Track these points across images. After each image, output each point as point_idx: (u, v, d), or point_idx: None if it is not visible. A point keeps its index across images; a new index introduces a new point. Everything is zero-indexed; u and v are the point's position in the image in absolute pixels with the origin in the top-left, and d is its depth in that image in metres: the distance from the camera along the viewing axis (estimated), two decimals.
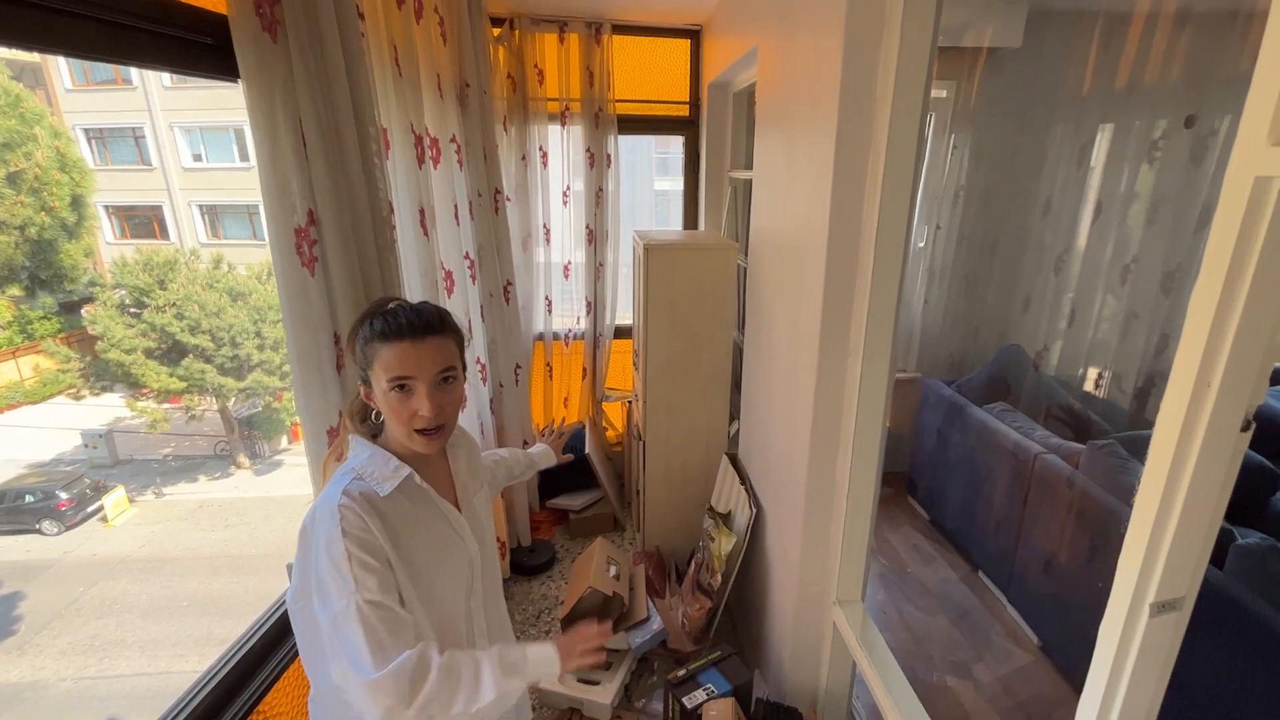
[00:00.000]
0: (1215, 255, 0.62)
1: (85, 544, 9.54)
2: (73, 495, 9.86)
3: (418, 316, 0.95)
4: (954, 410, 3.04)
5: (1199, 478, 0.68)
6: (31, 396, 12.42)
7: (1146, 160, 2.75)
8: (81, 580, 8.68)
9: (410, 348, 0.92)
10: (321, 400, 1.21)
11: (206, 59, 1.04)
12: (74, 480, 10.22)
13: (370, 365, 0.94)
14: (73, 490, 9.95)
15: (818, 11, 1.49)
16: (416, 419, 0.94)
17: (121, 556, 9.26)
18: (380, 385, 0.93)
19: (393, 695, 0.81)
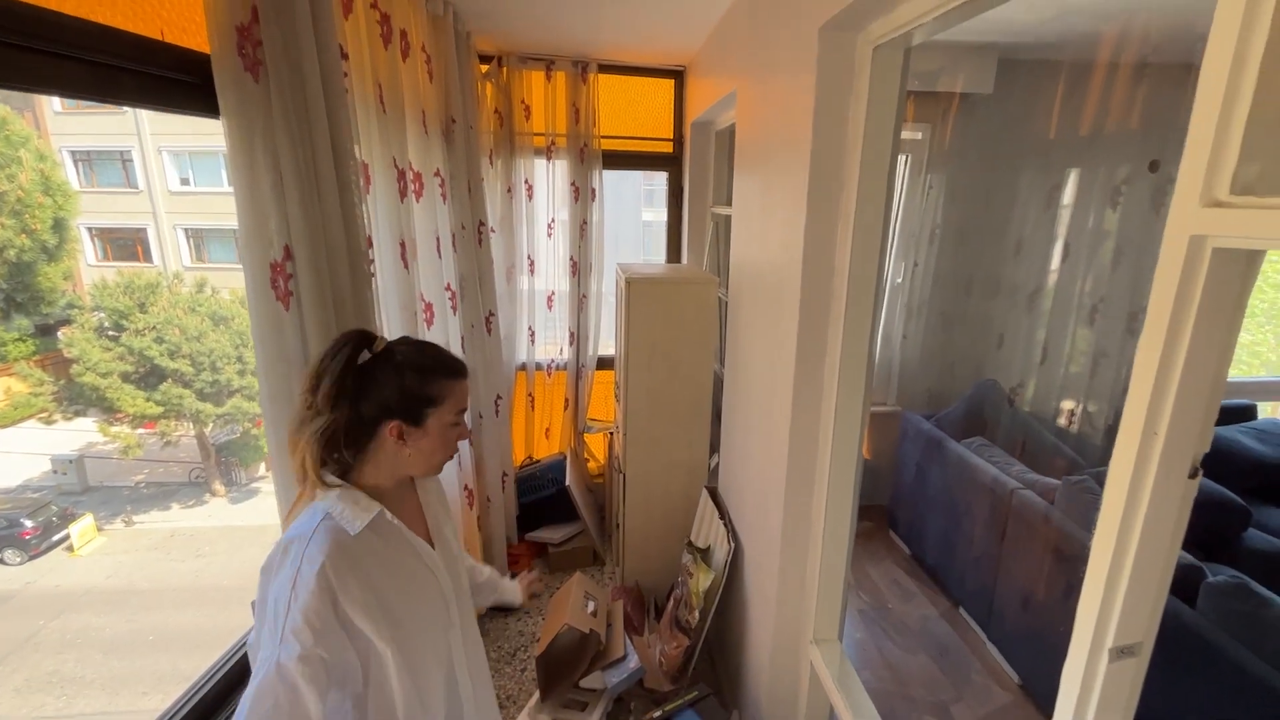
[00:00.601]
0: (1157, 310, 0.65)
1: (49, 574, 9.21)
2: (38, 523, 9.55)
3: (458, 358, 1.06)
4: (932, 444, 3.07)
5: (1150, 524, 0.69)
6: (1, 420, 12.10)
7: (1110, 204, 2.85)
8: (43, 612, 8.36)
9: (466, 384, 1.05)
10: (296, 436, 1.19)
11: (189, 97, 1.06)
12: (40, 507, 9.92)
13: (439, 401, 0.99)
14: (38, 518, 9.65)
15: (791, 60, 1.55)
16: (455, 446, 1.05)
17: (86, 588, 8.94)
18: (444, 419, 1.00)
19: None
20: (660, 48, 2.87)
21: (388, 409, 0.95)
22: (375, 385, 0.94)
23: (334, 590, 0.87)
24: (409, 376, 0.95)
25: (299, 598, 0.84)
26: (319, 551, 0.88)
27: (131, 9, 0.96)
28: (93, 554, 9.81)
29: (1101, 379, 2.90)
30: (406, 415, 0.96)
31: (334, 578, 0.87)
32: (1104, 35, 2.62)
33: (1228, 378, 2.34)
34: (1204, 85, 0.60)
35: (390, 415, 0.95)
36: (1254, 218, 0.56)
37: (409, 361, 0.97)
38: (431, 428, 0.98)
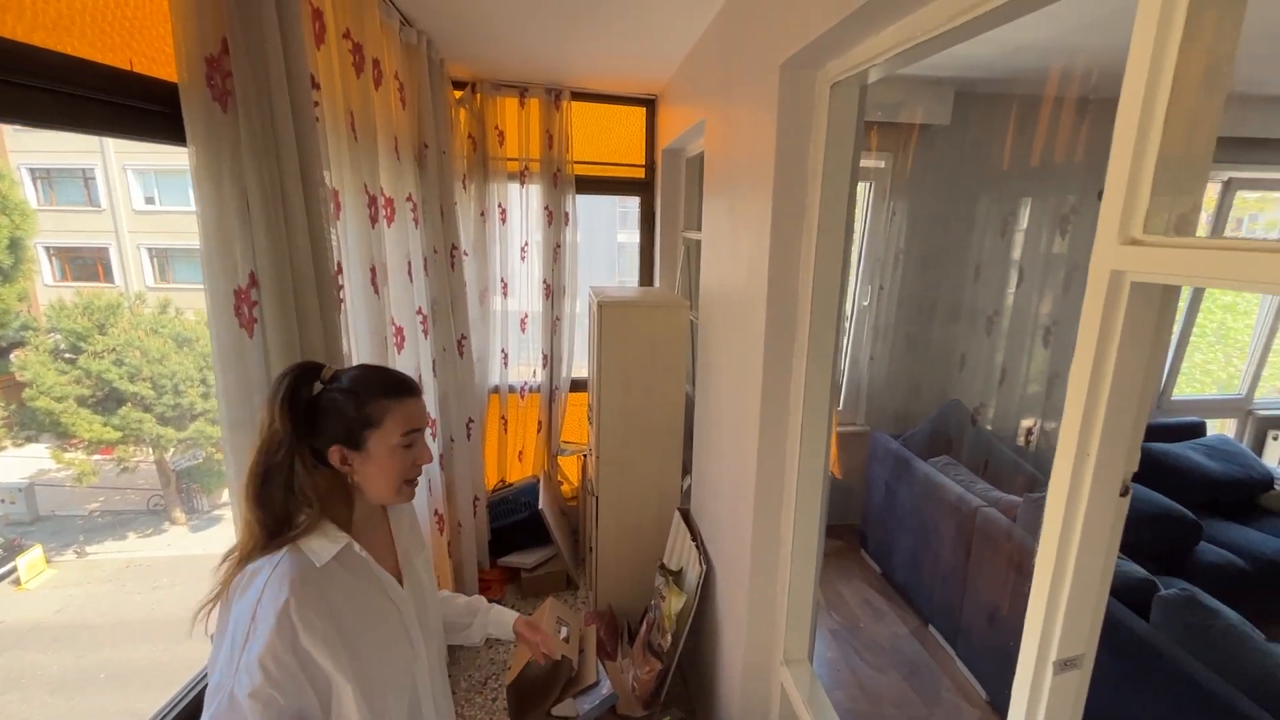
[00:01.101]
0: (1085, 339, 0.69)
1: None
2: None
3: (409, 378, 1.04)
4: (901, 463, 3.13)
5: (1087, 540, 0.73)
6: None
7: (1060, 232, 2.99)
8: None
9: (414, 403, 1.01)
10: None
11: (155, 126, 1.06)
12: None
13: (378, 423, 0.96)
14: None
15: (755, 94, 1.61)
16: (413, 469, 1.01)
17: (33, 623, 8.50)
18: (389, 441, 0.97)
19: None
20: (632, 77, 2.95)
21: (331, 436, 0.95)
22: (322, 414, 0.95)
23: (294, 626, 0.86)
24: (344, 400, 0.95)
25: (258, 632, 0.84)
26: (282, 584, 0.87)
27: (102, 40, 0.97)
28: (41, 587, 9.35)
29: (1057, 398, 3.01)
30: (347, 440, 0.95)
31: (296, 613, 0.86)
32: (1051, 72, 2.77)
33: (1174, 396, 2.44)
34: (1118, 132, 0.65)
35: (332, 441, 0.95)
36: (1166, 255, 0.61)
37: (348, 385, 0.96)
38: (374, 451, 0.96)
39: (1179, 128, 0.61)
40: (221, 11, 1.05)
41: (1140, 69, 0.62)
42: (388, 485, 0.99)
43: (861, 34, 1.19)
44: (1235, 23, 0.61)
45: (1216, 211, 3.64)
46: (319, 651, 0.88)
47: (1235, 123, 3.16)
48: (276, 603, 0.85)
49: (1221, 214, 3.62)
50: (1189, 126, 0.62)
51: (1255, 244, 0.54)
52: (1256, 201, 4.22)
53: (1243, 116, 3.13)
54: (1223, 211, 3.62)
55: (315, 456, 0.95)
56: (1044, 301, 3.05)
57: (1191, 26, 0.59)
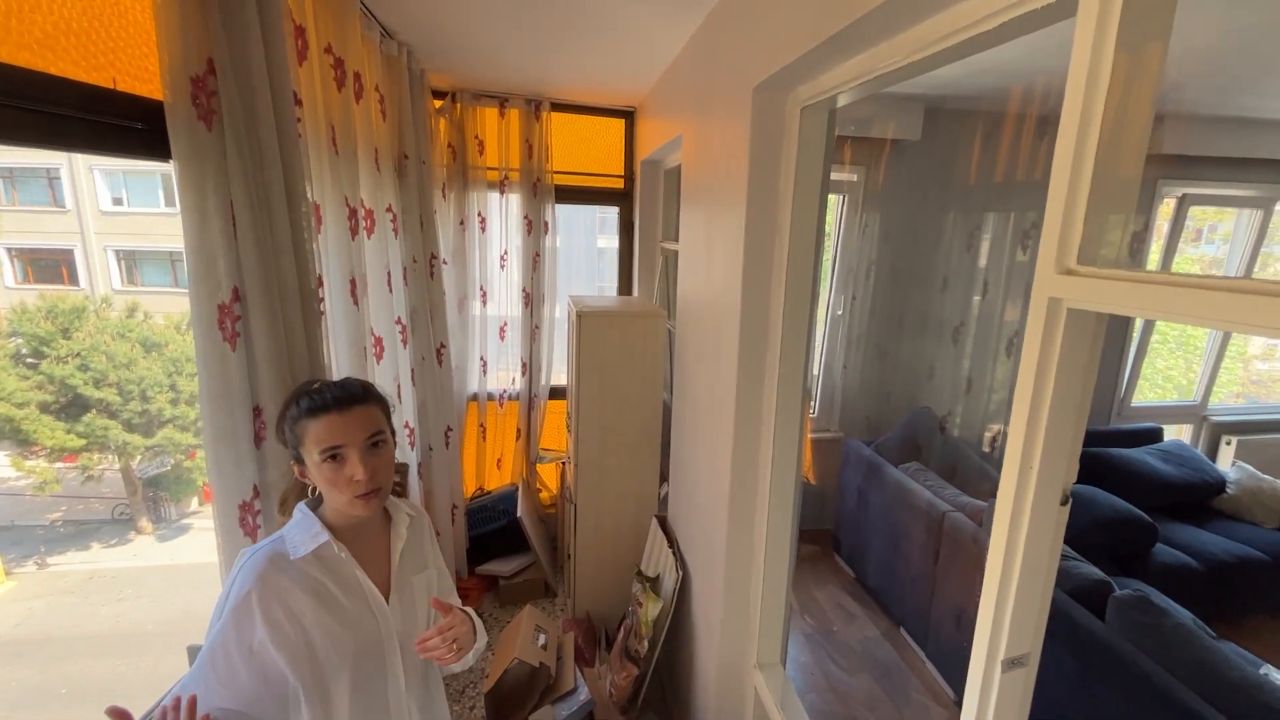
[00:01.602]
0: (1027, 359, 0.75)
1: None
2: None
3: (341, 390, 1.02)
4: (872, 469, 3.21)
5: (1031, 546, 0.78)
6: None
7: (1021, 247, 3.10)
8: None
9: (338, 418, 0.98)
10: (235, 475, 1.20)
11: (138, 143, 1.07)
12: None
13: (302, 442, 0.99)
14: None
15: (729, 113, 1.66)
16: (353, 484, 0.98)
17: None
18: (313, 459, 0.98)
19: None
20: (611, 89, 2.99)
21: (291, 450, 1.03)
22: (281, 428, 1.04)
23: (255, 619, 0.93)
24: (284, 422, 1.02)
25: (224, 615, 0.93)
26: (252, 573, 0.95)
27: (86, 59, 0.98)
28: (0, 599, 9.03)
29: None
30: (295, 456, 1.02)
31: (258, 606, 0.93)
32: (1013, 91, 2.88)
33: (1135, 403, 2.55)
34: (1055, 167, 0.71)
35: (292, 454, 1.03)
36: (1097, 286, 0.67)
37: (288, 402, 1.03)
38: (310, 466, 1.00)
39: (1111, 160, 0.67)
40: (207, 32, 1.07)
41: (1075, 106, 0.68)
42: (334, 499, 1.01)
43: (831, 62, 1.25)
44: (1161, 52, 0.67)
45: (1173, 224, 3.80)
46: (276, 646, 0.93)
47: (1186, 141, 3.32)
48: (243, 590, 0.93)
49: (1177, 227, 3.79)
50: (1120, 158, 0.68)
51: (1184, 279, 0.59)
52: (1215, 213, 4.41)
53: (1192, 136, 3.28)
54: (1178, 224, 3.78)
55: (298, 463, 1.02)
56: (1007, 312, 3.16)
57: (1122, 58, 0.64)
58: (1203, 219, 4.36)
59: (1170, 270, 1.04)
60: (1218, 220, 4.66)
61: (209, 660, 0.93)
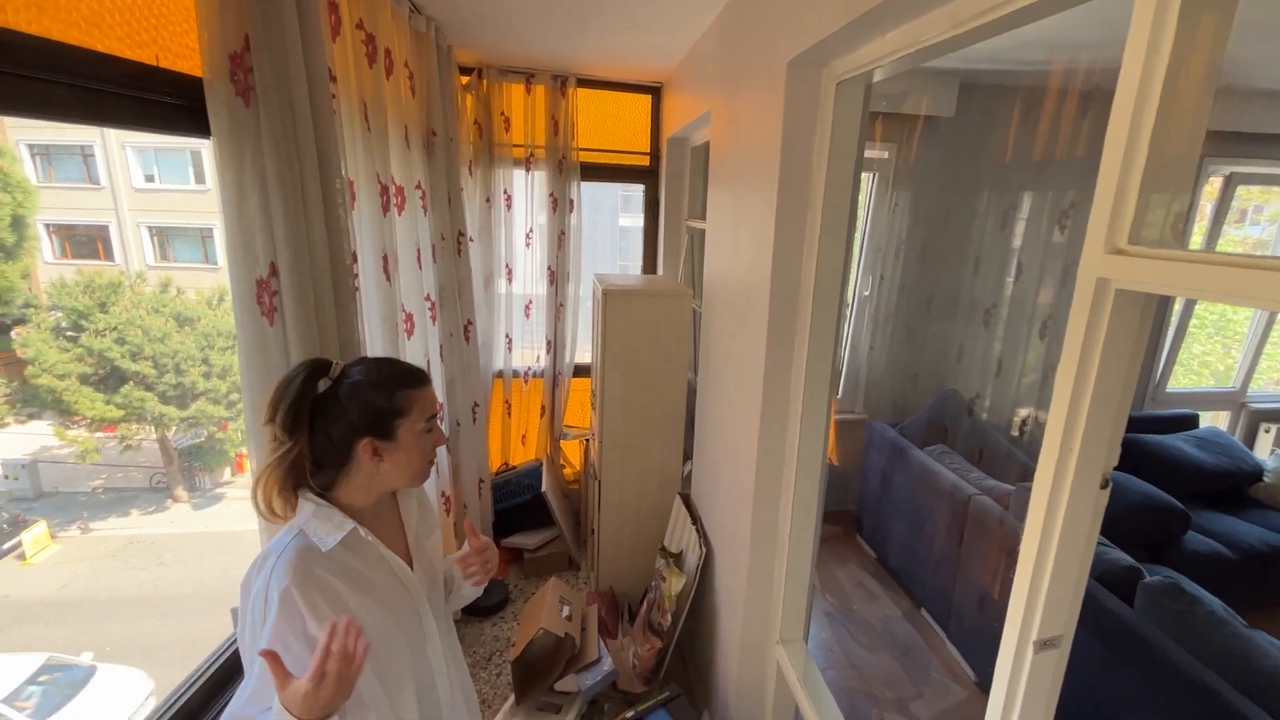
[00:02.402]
0: (1071, 341, 0.73)
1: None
2: None
3: (416, 367, 1.08)
4: (897, 451, 3.19)
5: (1068, 528, 0.78)
6: None
7: (1059, 226, 3.01)
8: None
9: (431, 390, 1.07)
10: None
11: (179, 119, 1.09)
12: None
13: (407, 412, 1.00)
14: None
15: (762, 89, 1.63)
16: (433, 451, 1.06)
17: (39, 598, 8.63)
18: (416, 428, 1.02)
19: None
20: (638, 65, 2.95)
21: (357, 429, 0.97)
22: (340, 409, 0.96)
23: (300, 612, 0.90)
24: (371, 393, 0.97)
25: (270, 615, 0.89)
26: (286, 571, 0.91)
27: (128, 35, 0.99)
28: (46, 562, 9.47)
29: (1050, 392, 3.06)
30: (378, 431, 0.98)
31: (300, 599, 0.90)
32: (1055, 65, 2.78)
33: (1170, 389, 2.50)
34: (1108, 143, 0.69)
35: (361, 434, 0.97)
36: (1148, 266, 0.65)
37: (369, 379, 0.98)
38: (404, 439, 1.00)
39: (1167, 137, 0.65)
40: (244, 9, 1.08)
41: (1132, 81, 0.66)
42: (413, 470, 1.04)
43: (869, 35, 1.22)
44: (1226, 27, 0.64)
45: (1218, 204, 3.66)
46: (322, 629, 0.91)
47: (1236, 118, 3.18)
48: (280, 588, 0.90)
49: (1223, 207, 3.65)
50: (1176, 135, 0.65)
51: (1237, 259, 0.58)
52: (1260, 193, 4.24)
53: (1243, 112, 3.14)
54: (1224, 204, 3.64)
55: (329, 446, 0.97)
56: (1042, 294, 3.09)
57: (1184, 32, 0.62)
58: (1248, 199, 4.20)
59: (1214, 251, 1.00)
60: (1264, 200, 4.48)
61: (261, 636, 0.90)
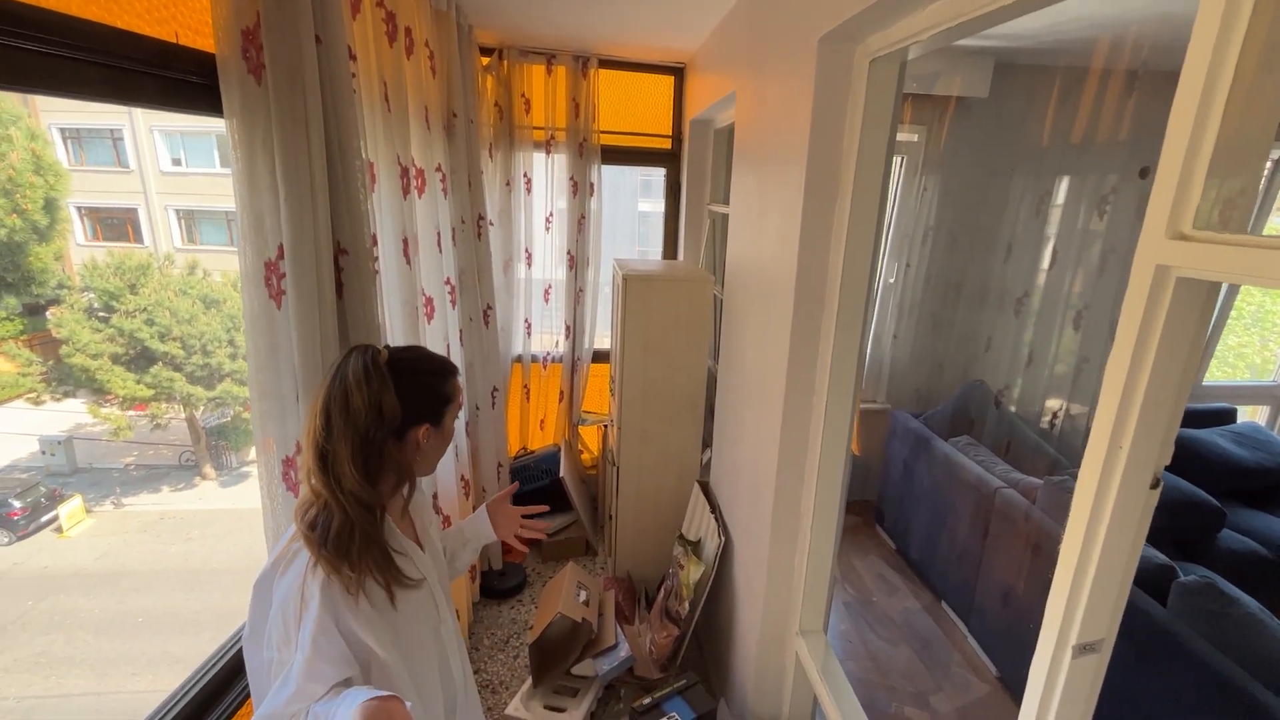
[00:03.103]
0: (1124, 332, 0.69)
1: (37, 555, 9.19)
2: (27, 504, 9.53)
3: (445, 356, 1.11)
4: (920, 442, 3.13)
5: (1114, 529, 0.74)
6: None
7: (1098, 213, 2.90)
8: (31, 593, 8.36)
9: None
10: (279, 431, 1.22)
11: (196, 97, 1.08)
12: (29, 488, 9.89)
13: (454, 397, 1.05)
14: (27, 499, 9.62)
15: (790, 67, 1.58)
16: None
17: (75, 569, 8.94)
18: (455, 415, 1.06)
19: None
20: (661, 44, 2.89)
21: (418, 414, 0.97)
22: (407, 395, 0.96)
23: (337, 603, 0.89)
24: (429, 379, 1.00)
25: (309, 609, 0.87)
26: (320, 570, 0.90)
27: (148, 12, 0.98)
28: (82, 535, 9.80)
29: (1085, 382, 2.97)
30: (433, 418, 1.00)
31: (339, 590, 0.90)
32: (1098, 43, 2.66)
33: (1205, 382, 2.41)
34: (1173, 124, 0.64)
35: (419, 420, 0.98)
36: (1214, 253, 0.61)
37: (422, 366, 1.01)
38: (447, 426, 1.05)
39: (1241, 114, 0.60)
40: None
41: (1203, 52, 0.61)
42: (436, 461, 1.07)
43: (906, 9, 1.16)
44: None
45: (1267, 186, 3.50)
46: (360, 628, 0.92)
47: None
48: (319, 580, 0.89)
49: (1271, 190, 3.48)
50: (1249, 112, 0.61)
51: None
52: None
53: None
54: (1271, 190, 3.48)
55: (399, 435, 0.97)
56: (1077, 284, 2.99)
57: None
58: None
59: None
60: None
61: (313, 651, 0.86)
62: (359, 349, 0.96)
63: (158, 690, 6.71)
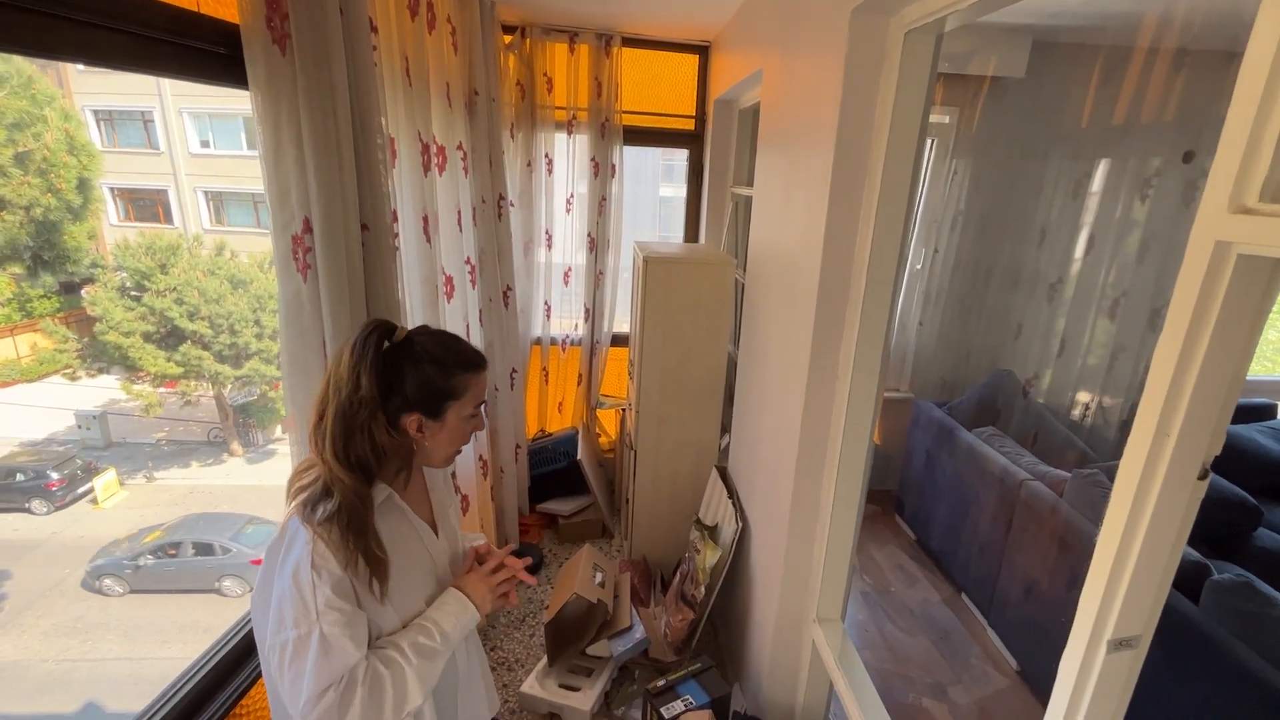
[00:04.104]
0: (1177, 313, 0.65)
1: (74, 525, 9.50)
2: (64, 475, 9.83)
3: (477, 350, 1.05)
4: (944, 432, 3.07)
5: (1157, 521, 0.70)
6: (27, 375, 12.38)
7: (1139, 197, 2.79)
8: (68, 561, 8.65)
9: (486, 376, 1.04)
10: (307, 403, 1.22)
11: (221, 68, 1.07)
12: (66, 460, 10.20)
13: (459, 394, 0.98)
14: (64, 470, 9.93)
15: (820, 41, 1.53)
16: (469, 437, 1.05)
17: (110, 539, 9.23)
18: (464, 413, 1.00)
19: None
20: (686, 22, 2.83)
21: (408, 401, 0.94)
22: (397, 377, 0.93)
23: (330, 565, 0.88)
24: (430, 369, 0.94)
25: (321, 578, 0.86)
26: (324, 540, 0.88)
27: None
28: (115, 507, 10.10)
29: (1119, 373, 2.88)
30: (426, 409, 0.96)
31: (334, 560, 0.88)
32: (1145, 19, 2.54)
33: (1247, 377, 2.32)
34: (1241, 89, 0.60)
35: (411, 408, 0.95)
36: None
37: (429, 354, 0.95)
38: (450, 421, 0.99)
39: None
40: None
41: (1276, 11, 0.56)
42: (446, 453, 1.03)
43: None
44: None
45: None
46: (363, 594, 0.91)
47: None
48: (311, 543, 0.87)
49: None
50: None
51: None
52: None
53: None
54: None
55: (391, 418, 0.94)
56: (1114, 271, 2.88)
57: None
58: None
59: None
60: None
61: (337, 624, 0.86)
62: (371, 322, 0.94)
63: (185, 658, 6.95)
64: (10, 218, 9.55)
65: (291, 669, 0.85)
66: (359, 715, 0.86)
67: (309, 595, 0.86)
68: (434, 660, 0.97)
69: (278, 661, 0.87)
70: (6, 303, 11.94)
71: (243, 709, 1.29)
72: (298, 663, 0.85)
